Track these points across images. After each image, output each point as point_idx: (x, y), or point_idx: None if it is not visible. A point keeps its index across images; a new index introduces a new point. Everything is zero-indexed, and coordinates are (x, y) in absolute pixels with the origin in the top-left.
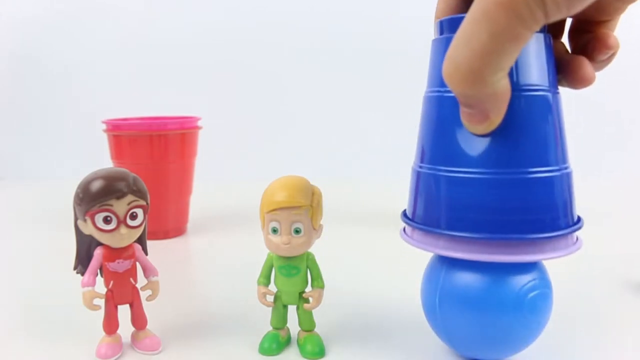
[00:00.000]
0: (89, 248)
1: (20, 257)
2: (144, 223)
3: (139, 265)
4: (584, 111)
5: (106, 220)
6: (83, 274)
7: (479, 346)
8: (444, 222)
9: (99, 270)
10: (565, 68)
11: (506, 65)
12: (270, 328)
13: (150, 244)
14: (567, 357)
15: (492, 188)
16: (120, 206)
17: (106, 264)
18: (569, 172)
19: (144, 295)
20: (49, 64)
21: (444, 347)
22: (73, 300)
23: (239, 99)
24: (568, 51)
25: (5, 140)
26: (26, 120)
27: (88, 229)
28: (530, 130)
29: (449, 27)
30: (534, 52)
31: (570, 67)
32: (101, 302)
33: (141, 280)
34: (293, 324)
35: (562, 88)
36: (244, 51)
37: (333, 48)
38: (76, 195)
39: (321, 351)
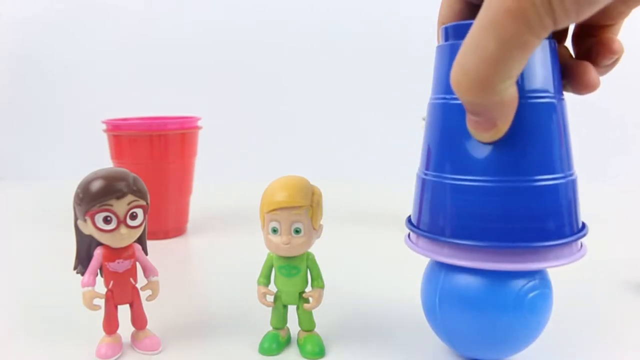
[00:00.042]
0: (89, 248)
1: (20, 257)
2: (144, 223)
3: (139, 265)
4: (588, 115)
5: (106, 220)
6: (83, 274)
7: (479, 346)
8: (449, 230)
9: (99, 270)
10: (570, 73)
11: (515, 73)
12: (270, 328)
13: (150, 244)
14: (567, 357)
15: (498, 196)
16: (120, 206)
17: (106, 264)
18: (574, 179)
19: (144, 295)
20: (49, 64)
21: (444, 347)
22: (73, 300)
23: (239, 99)
24: (572, 56)
25: (5, 140)
26: (26, 120)
27: (88, 229)
28: (535, 138)
29: (455, 34)
30: (539, 59)
31: (575, 73)
32: (101, 302)
33: (141, 280)
34: (293, 324)
35: (567, 92)
36: (244, 51)
37: (333, 48)
38: (76, 195)
39: (321, 351)
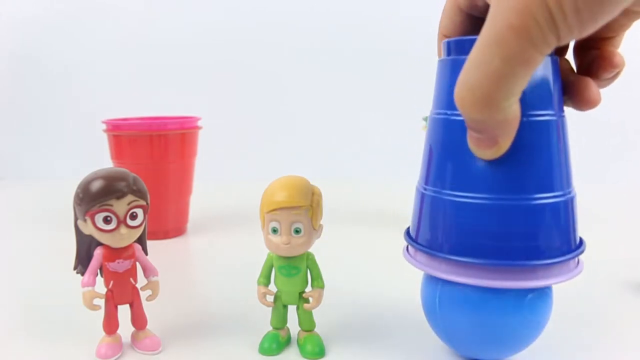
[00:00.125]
0: (89, 248)
1: (20, 257)
2: (144, 223)
3: (139, 265)
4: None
5: (106, 220)
6: (83, 274)
7: (479, 346)
8: (447, 246)
9: (99, 270)
10: (571, 89)
11: (518, 90)
12: (270, 328)
13: (150, 244)
14: (567, 357)
15: (496, 214)
16: (120, 206)
17: (106, 264)
18: (573, 196)
19: (144, 295)
20: (49, 64)
21: (444, 347)
22: (73, 300)
23: (239, 99)
24: (573, 70)
25: (5, 140)
26: (26, 120)
27: (88, 229)
28: (535, 156)
29: (457, 49)
30: (541, 76)
31: (576, 89)
32: (101, 302)
33: (141, 280)
34: (293, 324)
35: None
36: (244, 51)
37: (333, 48)
38: (76, 195)
39: (321, 351)
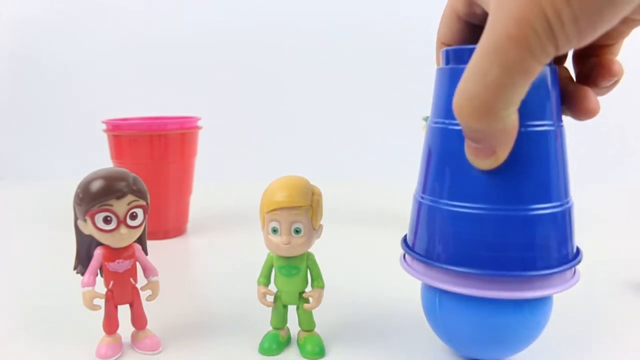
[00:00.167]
0: (89, 248)
1: (20, 257)
2: (144, 223)
3: (139, 265)
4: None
5: (106, 220)
6: (83, 274)
7: (479, 346)
8: (444, 256)
9: (99, 270)
10: (569, 99)
11: (517, 99)
12: (270, 328)
13: (150, 244)
14: (567, 357)
15: (493, 224)
16: (120, 206)
17: (106, 264)
18: (570, 206)
19: (144, 295)
20: (49, 64)
21: (444, 347)
22: (73, 300)
23: (239, 99)
24: (572, 78)
25: (5, 140)
26: (26, 120)
27: (88, 229)
28: (533, 167)
29: (455, 58)
30: (539, 86)
31: (574, 98)
32: (101, 302)
33: (141, 280)
34: (293, 324)
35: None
36: (244, 51)
37: (333, 48)
38: (76, 195)
39: (321, 351)
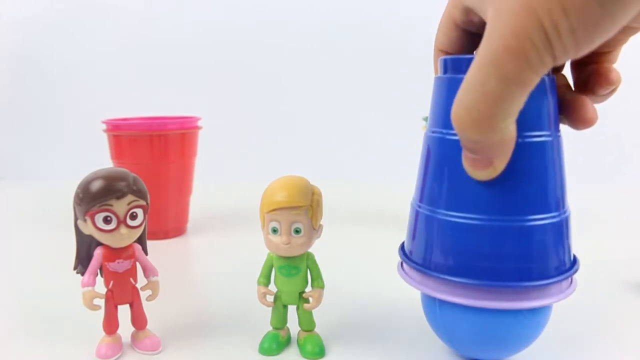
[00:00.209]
0: (89, 248)
1: (20, 257)
2: (144, 223)
3: (139, 265)
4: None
5: (106, 220)
6: (83, 274)
7: (478, 346)
8: (440, 266)
9: (99, 270)
10: (567, 108)
11: (515, 110)
12: (270, 328)
13: (150, 244)
14: (567, 357)
15: (490, 235)
16: (120, 206)
17: (106, 264)
18: (567, 216)
19: (144, 295)
20: (49, 64)
21: (444, 347)
22: (73, 300)
23: (239, 99)
24: (570, 86)
25: (5, 140)
26: (26, 120)
27: (88, 229)
28: (530, 178)
29: (453, 67)
30: (537, 96)
31: (572, 108)
32: (101, 302)
33: (141, 280)
34: (293, 324)
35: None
36: (244, 51)
37: (333, 48)
38: (76, 195)
39: (321, 351)
